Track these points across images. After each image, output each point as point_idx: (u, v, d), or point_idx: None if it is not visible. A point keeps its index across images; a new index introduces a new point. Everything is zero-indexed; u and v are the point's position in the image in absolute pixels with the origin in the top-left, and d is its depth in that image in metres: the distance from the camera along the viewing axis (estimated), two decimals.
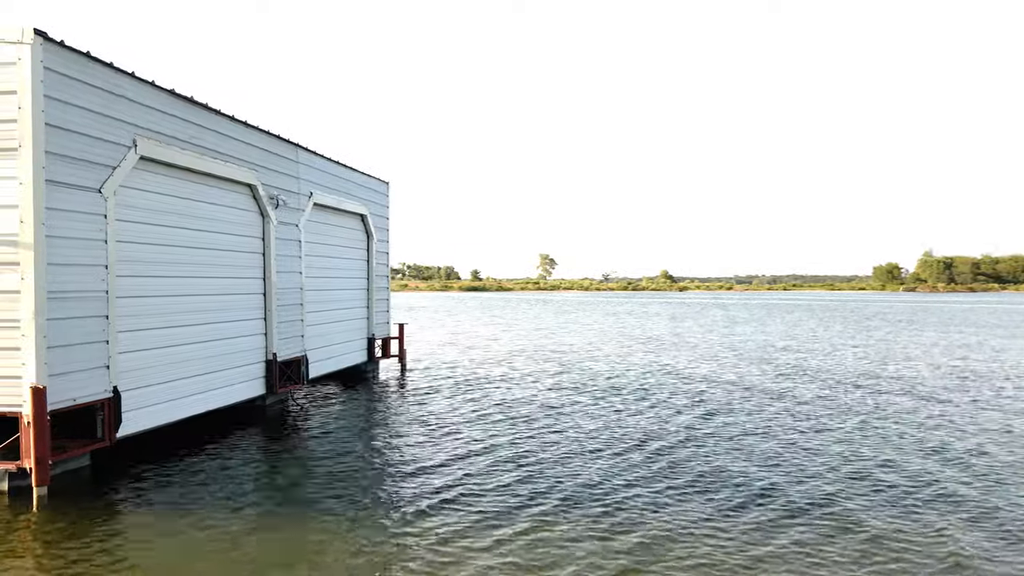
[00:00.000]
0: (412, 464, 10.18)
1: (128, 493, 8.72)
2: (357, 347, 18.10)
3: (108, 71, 9.24)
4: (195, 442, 11.17)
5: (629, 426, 12.64)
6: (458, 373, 19.48)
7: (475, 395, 15.96)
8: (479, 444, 11.33)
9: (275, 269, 13.54)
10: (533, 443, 11.36)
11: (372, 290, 18.81)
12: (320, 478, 9.48)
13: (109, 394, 9.26)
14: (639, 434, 12.00)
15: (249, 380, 12.88)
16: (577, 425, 12.74)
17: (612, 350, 26.44)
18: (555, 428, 12.46)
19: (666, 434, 11.99)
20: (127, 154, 9.62)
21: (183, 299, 11.08)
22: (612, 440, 11.57)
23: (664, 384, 17.62)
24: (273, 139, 13.48)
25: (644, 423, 12.89)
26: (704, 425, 12.75)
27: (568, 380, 18.25)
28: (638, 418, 13.37)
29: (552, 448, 11.04)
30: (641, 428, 12.47)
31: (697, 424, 12.83)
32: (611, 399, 15.45)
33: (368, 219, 18.36)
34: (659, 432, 12.14)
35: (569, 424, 12.81)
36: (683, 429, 12.40)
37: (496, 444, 11.31)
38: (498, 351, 25.86)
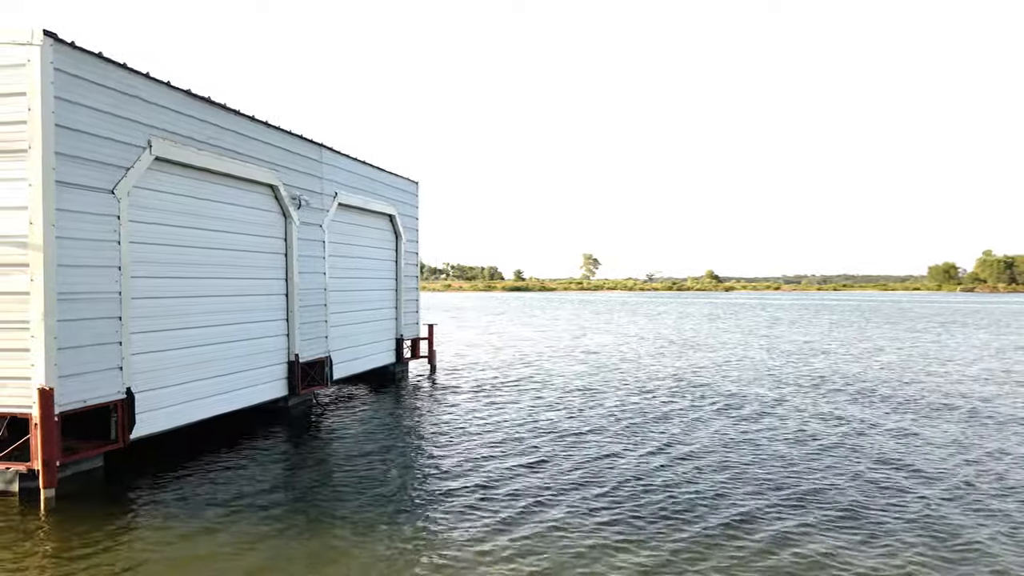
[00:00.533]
0: (434, 467, 9.97)
1: (140, 495, 8.68)
2: (385, 348, 17.99)
3: (121, 72, 9.22)
4: (214, 444, 11.14)
5: (653, 431, 12.22)
6: (487, 374, 19.25)
7: (503, 398, 15.70)
8: (504, 448, 11.06)
9: (297, 270, 13.48)
10: (559, 447, 11.04)
11: (401, 290, 18.70)
12: (339, 482, 9.33)
13: (122, 395, 9.23)
14: (663, 440, 11.58)
15: (271, 381, 12.82)
16: (602, 429, 12.37)
17: (643, 352, 25.90)
18: (580, 432, 12.12)
19: (688, 439, 11.56)
20: (141, 155, 9.60)
21: (201, 300, 11.05)
22: (636, 445, 11.18)
23: (689, 387, 17.10)
24: (295, 139, 13.42)
25: (668, 428, 12.45)
26: (728, 431, 12.27)
27: (595, 383, 17.85)
28: (663, 423, 12.93)
29: (578, 454, 10.70)
30: (665, 433, 12.04)
31: (717, 429, 12.35)
32: (637, 403, 15.02)
33: (396, 219, 18.25)
34: (682, 437, 11.70)
35: (593, 429, 12.45)
36: (706, 434, 11.94)
37: (522, 449, 11.03)
38: (529, 352, 25.56)
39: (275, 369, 12.98)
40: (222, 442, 11.26)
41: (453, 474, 9.62)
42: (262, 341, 12.53)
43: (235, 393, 11.80)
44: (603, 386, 17.29)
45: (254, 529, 7.51)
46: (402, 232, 18.60)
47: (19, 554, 6.81)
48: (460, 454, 10.74)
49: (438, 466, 10.06)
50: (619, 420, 13.23)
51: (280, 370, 13.15)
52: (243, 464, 10.13)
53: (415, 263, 19.78)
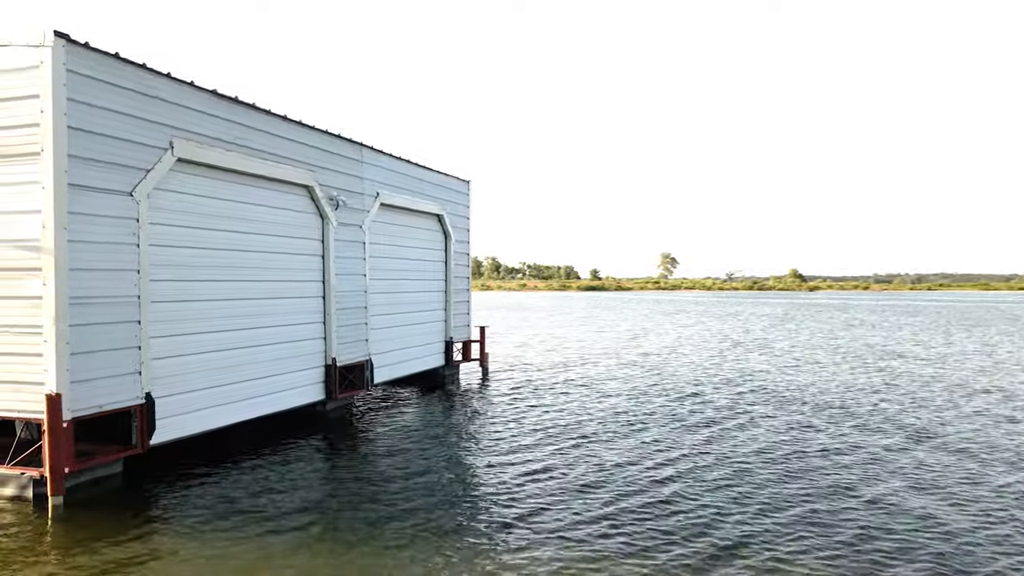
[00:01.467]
0: (475, 478, 9.53)
1: (155, 503, 8.51)
2: (432, 351, 17.65)
3: (140, 72, 9.09)
4: (244, 449, 10.96)
5: (701, 441, 11.38)
6: (540, 378, 18.66)
7: (554, 404, 15.10)
8: (553, 459, 10.51)
9: (334, 272, 13.24)
10: (614, 464, 10.32)
11: (450, 291, 18.33)
12: (372, 493, 8.98)
13: (141, 400, 9.11)
14: (715, 450, 10.75)
15: (306, 385, 12.61)
16: (654, 440, 11.62)
17: (700, 355, 24.75)
18: (631, 442, 11.40)
19: (735, 449, 10.68)
20: (162, 156, 9.46)
21: (230, 303, 10.89)
22: (690, 457, 10.40)
23: (742, 393, 16.05)
24: (332, 139, 13.18)
25: (718, 436, 11.59)
26: (773, 440, 11.31)
27: (650, 387, 17.00)
28: (708, 429, 12.06)
29: (628, 467, 10.01)
30: (719, 443, 11.19)
31: (770, 438, 11.40)
32: (696, 411, 14.14)
33: (445, 219, 17.88)
34: (730, 447, 10.84)
35: (645, 439, 11.71)
36: (755, 443, 11.03)
37: (572, 462, 10.41)
38: (584, 354, 24.80)
39: (311, 373, 12.77)
40: (252, 447, 11.09)
41: (495, 486, 9.14)
42: (296, 344, 12.33)
43: (267, 397, 11.63)
44: (657, 392, 16.44)
45: (275, 541, 7.21)
46: (451, 232, 18.23)
47: (10, 562, 6.67)
48: (504, 465, 10.23)
49: (480, 479, 9.57)
50: (673, 430, 12.43)
51: (316, 374, 12.94)
52: (271, 471, 9.89)
53: (466, 264, 19.39)
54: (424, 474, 9.84)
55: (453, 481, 9.49)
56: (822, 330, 37.73)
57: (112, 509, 8.19)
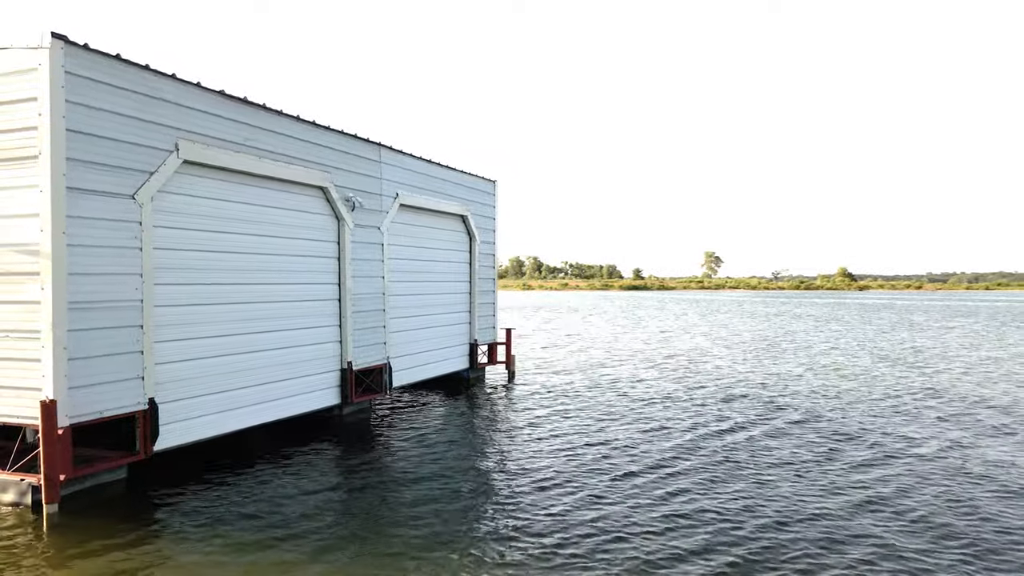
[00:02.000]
0: (488, 486, 9.22)
1: (157, 509, 8.39)
2: (456, 353, 17.38)
3: (143, 73, 8.97)
4: (257, 453, 10.83)
5: (724, 450, 10.87)
6: (566, 380, 18.25)
7: (578, 407, 14.72)
8: (572, 468, 10.15)
9: (350, 274, 13.04)
10: (643, 471, 9.95)
11: (475, 293, 18.03)
12: (384, 497, 8.78)
13: (144, 406, 9.00)
14: (737, 460, 10.24)
15: (320, 390, 12.43)
16: (678, 447, 11.15)
17: (733, 357, 24.00)
18: (653, 450, 10.96)
19: (757, 459, 10.15)
20: (167, 158, 9.34)
21: (241, 306, 10.75)
22: (712, 469, 9.92)
23: (772, 399, 15.40)
24: (348, 139, 12.98)
25: (743, 445, 11.06)
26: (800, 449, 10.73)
27: (676, 391, 16.46)
28: (732, 436, 11.53)
29: (649, 478, 9.60)
30: (742, 452, 10.67)
31: (796, 448, 10.82)
32: (722, 417, 13.60)
33: (469, 220, 17.58)
34: (753, 457, 10.31)
35: (667, 447, 11.25)
36: (778, 453, 10.48)
37: (590, 468, 10.08)
38: (614, 356, 24.27)
39: (326, 377, 12.59)
40: (265, 452, 10.95)
41: (511, 501, 8.79)
42: (310, 348, 12.16)
43: (279, 402, 11.46)
44: (685, 396, 15.89)
45: (278, 550, 7.01)
46: (476, 233, 17.93)
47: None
48: (522, 475, 9.88)
49: (494, 487, 9.26)
50: (705, 439, 11.93)
51: (331, 378, 12.75)
52: (281, 476, 9.72)
53: (491, 265, 19.07)
54: (436, 480, 9.57)
55: (466, 489, 9.20)
56: (866, 332, 36.48)
57: (110, 516, 8.07)
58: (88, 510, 8.17)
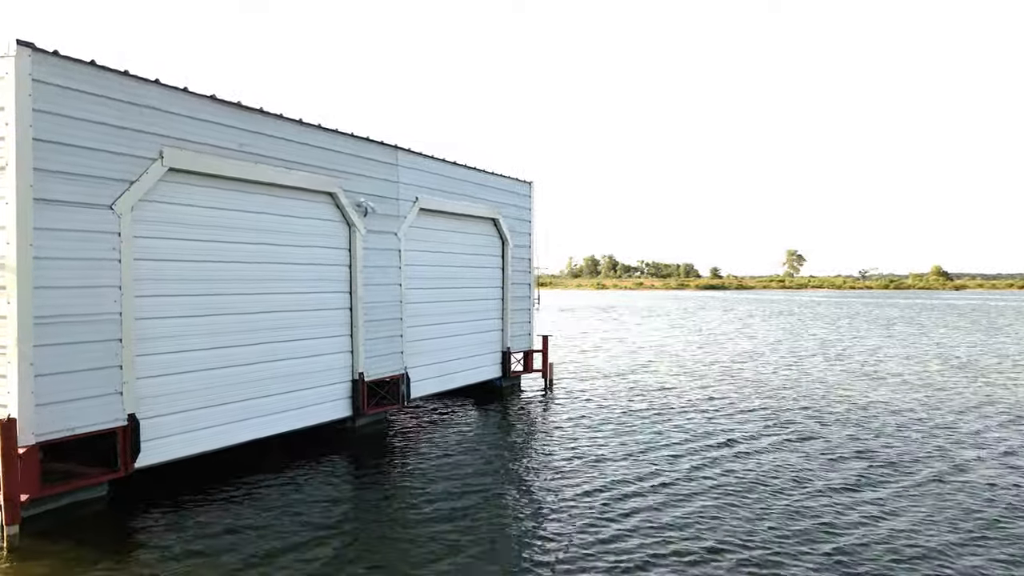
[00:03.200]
0: (505, 508, 8.70)
1: (137, 528, 8.12)
2: (486, 362, 16.76)
3: (121, 80, 8.70)
4: (259, 468, 10.46)
5: (765, 473, 9.86)
6: (605, 389, 17.37)
7: (614, 419, 13.95)
8: (598, 487, 9.45)
9: (362, 282, 12.60)
10: (688, 499, 9.11)
11: (507, 299, 17.37)
12: (390, 516, 8.43)
13: (123, 422, 8.74)
14: (775, 487, 9.24)
15: (329, 402, 12.03)
16: (729, 471, 10.23)
17: (785, 363, 22.48)
18: (689, 466, 10.08)
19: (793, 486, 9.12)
20: (150, 167, 9.06)
21: (238, 318, 10.43)
22: (748, 494, 8.99)
23: (820, 414, 14.10)
24: (360, 142, 12.53)
25: (782, 466, 10.02)
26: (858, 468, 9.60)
27: (719, 400, 15.35)
28: (773, 455, 10.47)
29: (710, 507, 8.76)
30: (781, 476, 9.65)
31: (845, 471, 9.70)
32: (764, 433, 12.51)
33: (501, 223, 16.93)
34: (790, 484, 9.28)
35: (704, 464, 10.33)
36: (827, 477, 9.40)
37: (637, 492, 9.32)
38: (661, 362, 23.12)
39: (335, 388, 12.19)
40: (269, 466, 10.58)
41: (529, 526, 8.18)
42: (317, 359, 11.77)
43: (282, 416, 11.11)
44: (727, 407, 14.80)
45: (265, 571, 6.57)
46: (508, 237, 17.26)
47: None
48: (543, 496, 9.24)
49: (511, 509, 8.66)
50: (758, 461, 10.94)
51: (342, 389, 12.34)
52: (281, 492, 9.36)
53: (527, 270, 18.36)
54: (450, 499, 9.05)
55: (481, 509, 8.69)
56: (951, 336, 33.95)
57: (83, 537, 7.78)
58: (58, 530, 7.92)
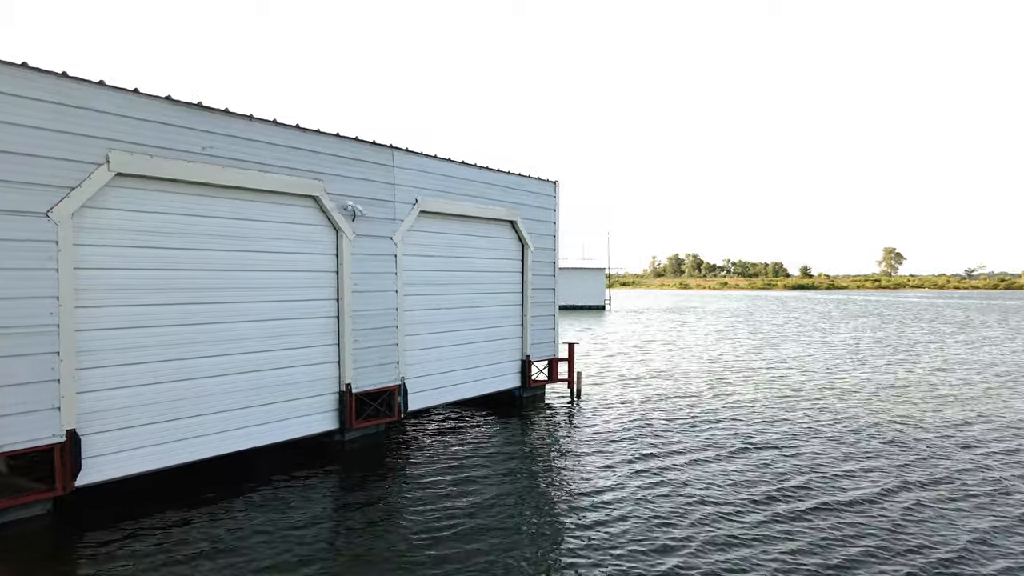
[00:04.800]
0: (500, 541, 7.81)
1: (75, 550, 7.72)
2: (501, 371, 15.93)
3: (61, 82, 8.37)
4: (222, 486, 10.02)
5: (798, 497, 8.67)
6: (637, 399, 16.22)
7: (641, 434, 12.92)
8: (612, 518, 8.50)
9: (350, 288, 12.02)
10: (727, 541, 8.17)
11: (528, 305, 16.50)
12: (357, 545, 7.72)
13: (61, 438, 8.41)
14: (813, 512, 8.08)
15: (310, 415, 11.50)
16: (751, 489, 9.12)
17: (849, 373, 20.57)
18: (722, 491, 9.02)
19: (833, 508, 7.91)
20: (94, 172, 8.70)
21: (201, 328, 10.01)
22: (786, 522, 7.89)
23: (862, 431, 12.54)
24: (346, 142, 11.95)
25: (817, 486, 8.78)
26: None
27: (761, 414, 13.99)
28: (807, 477, 9.23)
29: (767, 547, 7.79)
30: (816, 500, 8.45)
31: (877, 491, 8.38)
32: (810, 453, 11.20)
33: (519, 225, 16.07)
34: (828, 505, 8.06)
35: (739, 486, 9.24)
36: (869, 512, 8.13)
37: (634, 521, 8.39)
38: (706, 368, 21.62)
39: (318, 401, 11.65)
40: (233, 484, 10.11)
41: (528, 564, 7.41)
42: (295, 370, 11.26)
43: (253, 429, 10.64)
44: (769, 421, 13.45)
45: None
46: (528, 239, 16.38)
47: None
48: (546, 527, 8.39)
49: (508, 543, 7.85)
50: (783, 487, 9.77)
51: (326, 401, 11.80)
52: (247, 510, 8.83)
53: (550, 273, 17.41)
54: (431, 532, 8.26)
55: (471, 539, 7.95)
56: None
57: (11, 560, 7.47)
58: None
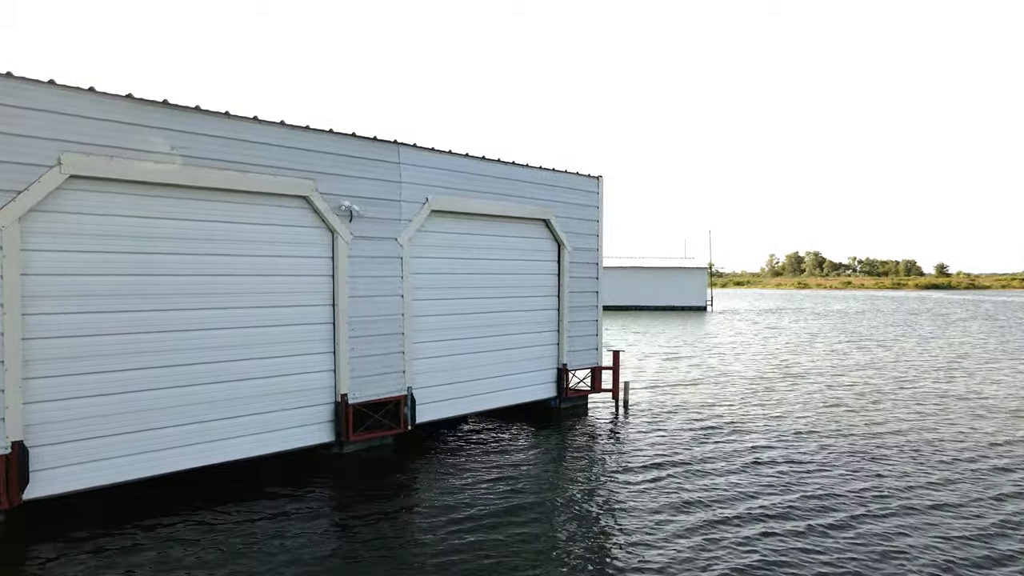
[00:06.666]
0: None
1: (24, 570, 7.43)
2: (533, 380, 14.87)
3: (4, 83, 8.10)
4: (191, 502, 9.56)
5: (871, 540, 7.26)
6: (693, 413, 14.75)
7: (691, 457, 11.53)
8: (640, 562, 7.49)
9: (347, 293, 11.36)
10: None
11: (565, 309, 15.35)
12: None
13: (6, 450, 8.14)
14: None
15: (299, 426, 10.93)
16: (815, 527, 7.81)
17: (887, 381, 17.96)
18: (780, 525, 7.79)
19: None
20: (44, 175, 8.40)
21: (167, 335, 9.57)
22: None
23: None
24: (341, 139, 11.30)
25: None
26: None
27: (832, 437, 12.26)
28: (868, 508, 7.74)
29: None
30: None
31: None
32: (884, 489, 9.59)
33: (553, 223, 14.96)
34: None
35: (798, 526, 7.95)
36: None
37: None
38: (787, 379, 19.57)
39: (309, 412, 11.06)
40: (219, 497, 9.62)
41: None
42: (280, 379, 10.70)
43: (229, 442, 10.16)
44: (835, 448, 11.75)
45: None
46: (565, 240, 15.23)
47: None
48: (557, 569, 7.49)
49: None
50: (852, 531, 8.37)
51: (320, 412, 11.20)
52: (215, 530, 8.34)
53: (593, 275, 16.15)
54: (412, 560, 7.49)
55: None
56: None
57: None
58: None
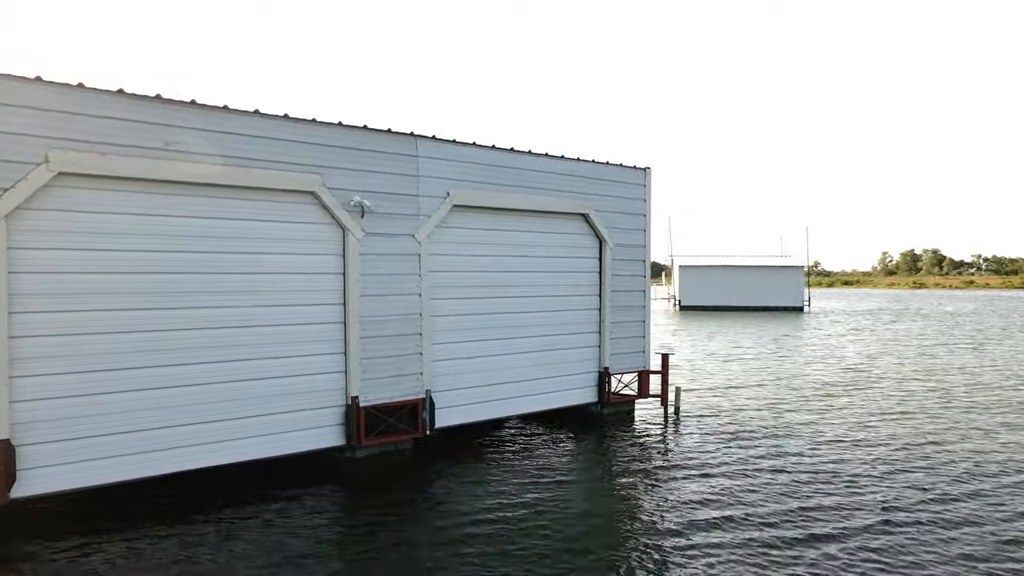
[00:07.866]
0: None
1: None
2: (570, 384, 14.04)
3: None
4: (192, 505, 9.39)
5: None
6: (750, 425, 13.57)
7: (741, 471, 10.59)
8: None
9: (358, 292, 10.96)
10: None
11: (606, 309, 14.45)
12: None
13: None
14: None
15: (302, 430, 10.58)
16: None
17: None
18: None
19: None
20: (30, 172, 8.37)
21: (164, 335, 9.42)
22: None
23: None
24: (350, 132, 10.90)
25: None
26: None
27: (900, 451, 10.91)
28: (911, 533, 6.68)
29: None
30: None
31: None
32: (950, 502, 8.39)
33: (593, 218, 14.09)
34: None
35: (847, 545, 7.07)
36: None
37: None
38: (857, 392, 17.80)
39: (317, 414, 10.71)
40: (223, 499, 9.44)
41: None
42: (284, 381, 10.39)
43: (230, 443, 9.92)
44: (895, 464, 10.43)
45: None
46: (606, 235, 14.33)
47: None
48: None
49: None
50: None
51: (329, 415, 10.84)
52: (191, 540, 8.15)
53: (640, 273, 15.14)
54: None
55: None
56: None
57: None
58: None
